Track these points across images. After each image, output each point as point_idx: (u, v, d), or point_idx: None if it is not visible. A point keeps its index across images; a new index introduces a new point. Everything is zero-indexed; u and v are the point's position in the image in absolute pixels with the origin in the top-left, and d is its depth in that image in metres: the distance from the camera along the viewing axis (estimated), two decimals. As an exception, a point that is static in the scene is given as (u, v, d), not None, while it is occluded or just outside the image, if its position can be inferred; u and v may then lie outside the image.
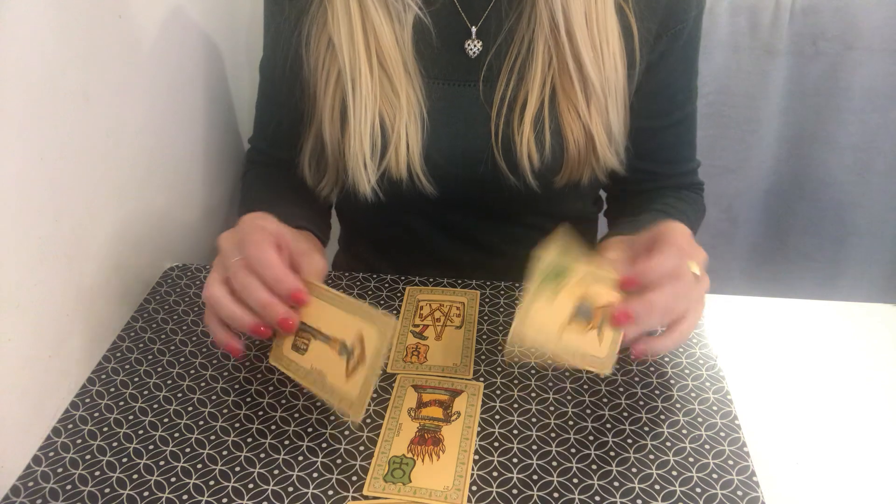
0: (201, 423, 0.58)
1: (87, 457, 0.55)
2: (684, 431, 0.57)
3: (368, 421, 0.58)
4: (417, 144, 0.69)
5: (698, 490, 0.52)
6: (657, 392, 0.61)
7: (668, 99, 0.75)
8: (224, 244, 0.57)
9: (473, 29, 0.69)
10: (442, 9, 0.69)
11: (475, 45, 0.69)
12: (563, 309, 0.56)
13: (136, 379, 0.62)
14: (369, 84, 0.67)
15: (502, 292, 0.72)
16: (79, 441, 0.56)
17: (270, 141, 0.82)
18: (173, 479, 0.53)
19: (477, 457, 0.55)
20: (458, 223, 0.80)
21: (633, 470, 0.54)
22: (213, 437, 0.56)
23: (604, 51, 0.66)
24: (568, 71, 0.66)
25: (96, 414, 0.59)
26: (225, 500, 0.51)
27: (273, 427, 0.57)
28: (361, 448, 0.55)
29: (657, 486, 0.52)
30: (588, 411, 0.59)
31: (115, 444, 0.56)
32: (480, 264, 0.83)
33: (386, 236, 0.86)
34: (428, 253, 0.83)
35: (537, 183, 0.70)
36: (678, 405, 0.59)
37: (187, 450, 0.55)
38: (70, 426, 0.58)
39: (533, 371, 0.63)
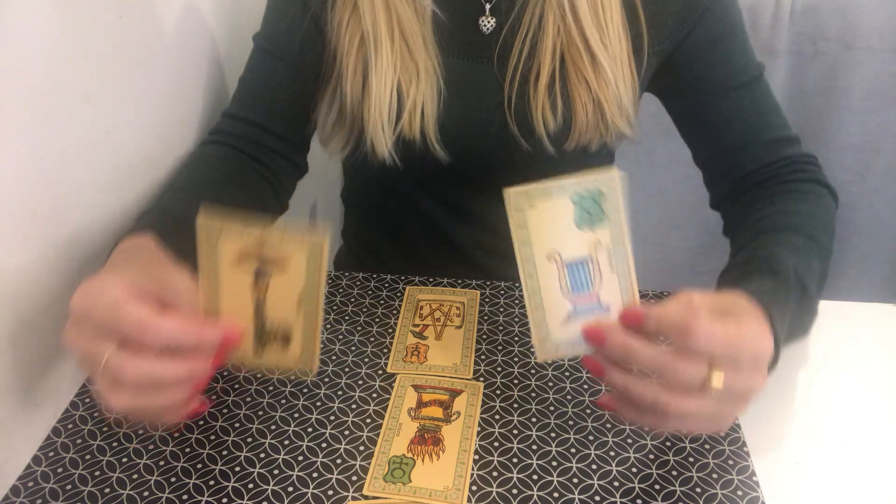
0: (201, 423, 0.58)
1: (87, 457, 0.55)
2: (684, 431, 0.57)
3: (368, 421, 0.58)
4: (433, 113, 0.71)
5: (698, 490, 0.52)
6: (657, 392, 0.60)
7: (725, 61, 0.74)
8: (86, 344, 0.46)
9: (487, 6, 0.72)
10: None
11: (489, 22, 0.72)
12: (574, 243, 0.48)
13: (136, 379, 0.62)
14: (389, 52, 0.69)
15: (502, 292, 0.72)
16: (79, 441, 0.56)
17: (248, 104, 0.77)
18: (173, 479, 0.53)
19: (477, 457, 0.55)
20: (466, 203, 0.82)
21: (633, 470, 0.54)
22: (213, 437, 0.56)
23: (609, 30, 0.69)
24: (576, 46, 0.69)
25: (96, 414, 0.59)
26: (225, 500, 0.51)
27: (273, 427, 0.57)
28: (361, 448, 0.55)
29: (657, 486, 0.52)
30: (588, 411, 0.59)
31: (115, 444, 0.56)
32: (487, 248, 0.83)
33: (394, 219, 0.86)
34: (435, 235, 0.84)
35: (552, 148, 0.71)
36: (678, 405, 0.59)
37: (187, 450, 0.55)
38: (70, 426, 0.58)
39: (533, 371, 0.63)
